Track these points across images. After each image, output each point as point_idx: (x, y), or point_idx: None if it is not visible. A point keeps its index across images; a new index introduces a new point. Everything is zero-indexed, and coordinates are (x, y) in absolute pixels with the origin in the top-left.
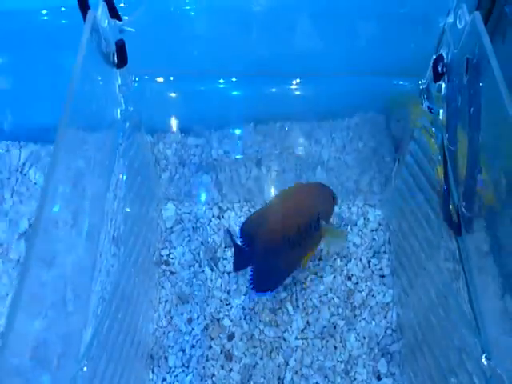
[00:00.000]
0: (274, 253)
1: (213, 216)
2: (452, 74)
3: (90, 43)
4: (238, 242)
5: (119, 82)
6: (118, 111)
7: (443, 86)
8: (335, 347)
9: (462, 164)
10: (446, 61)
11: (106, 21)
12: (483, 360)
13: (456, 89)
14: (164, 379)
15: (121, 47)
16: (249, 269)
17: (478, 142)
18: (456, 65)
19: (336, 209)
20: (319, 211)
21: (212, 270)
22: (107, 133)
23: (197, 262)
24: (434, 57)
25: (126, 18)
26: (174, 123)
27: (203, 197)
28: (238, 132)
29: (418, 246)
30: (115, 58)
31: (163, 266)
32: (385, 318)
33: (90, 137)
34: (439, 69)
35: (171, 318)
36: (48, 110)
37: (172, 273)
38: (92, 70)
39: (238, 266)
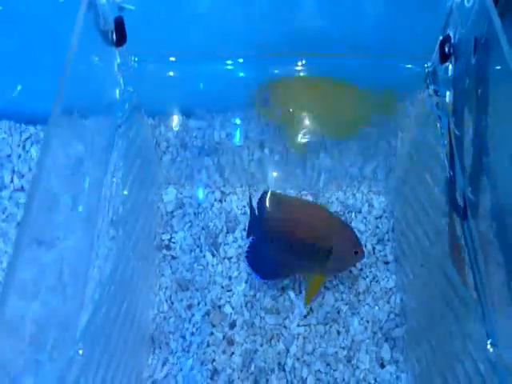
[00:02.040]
0: (279, 243)
1: (214, 200)
2: (459, 55)
3: (87, 20)
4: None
5: (118, 61)
6: (117, 91)
7: (450, 67)
8: (338, 332)
9: (468, 148)
10: (453, 41)
11: None
12: (488, 346)
13: (463, 70)
14: (164, 364)
15: (119, 24)
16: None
17: (485, 125)
18: (464, 45)
19: (341, 195)
20: (330, 249)
21: (213, 255)
22: (106, 113)
23: (198, 246)
24: (441, 37)
25: None
26: (175, 105)
27: (205, 181)
28: (240, 114)
29: (422, 232)
30: (114, 36)
31: (164, 251)
32: (388, 302)
33: (87, 117)
34: (446, 50)
35: (172, 303)
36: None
37: (173, 257)
38: (89, 48)
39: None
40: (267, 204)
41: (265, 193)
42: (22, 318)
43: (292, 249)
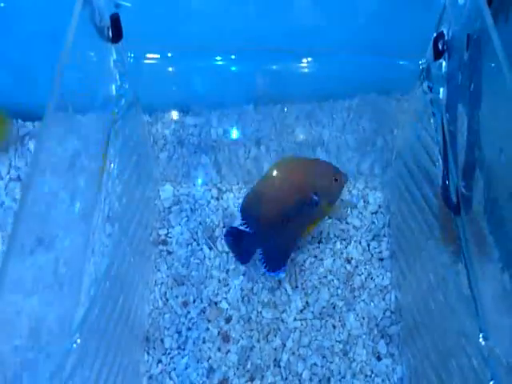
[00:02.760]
0: (277, 230)
1: (211, 197)
2: (453, 52)
3: (83, 16)
4: (239, 226)
5: (114, 57)
6: (113, 87)
7: (444, 64)
8: (334, 326)
9: (461, 143)
10: (446, 38)
11: None
12: (481, 340)
13: (456, 66)
14: (159, 361)
15: (115, 21)
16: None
17: (477, 120)
18: (457, 42)
19: None
20: (316, 189)
21: (210, 248)
22: (102, 110)
23: (194, 240)
24: (435, 34)
25: None
26: (172, 102)
27: (201, 178)
28: (237, 111)
29: (417, 228)
30: (110, 33)
31: (160, 246)
32: (383, 300)
33: (83, 114)
34: (440, 46)
35: (167, 299)
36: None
37: (169, 252)
38: (85, 45)
39: (246, 257)
40: (248, 215)
41: (242, 210)
42: (18, 314)
43: (289, 215)
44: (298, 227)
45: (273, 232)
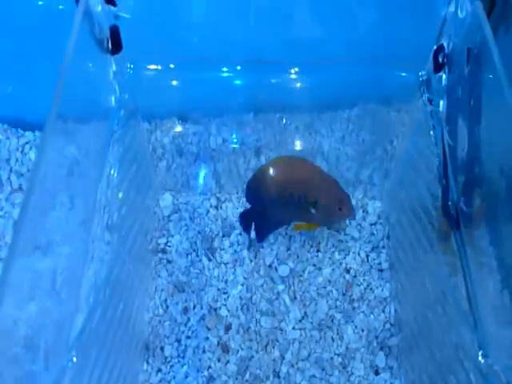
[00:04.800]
0: (272, 206)
1: (210, 206)
2: (453, 65)
3: (83, 28)
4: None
5: (114, 68)
6: (113, 98)
7: (444, 76)
8: (333, 339)
9: (461, 157)
10: (446, 51)
11: (100, 6)
12: (480, 357)
13: (457, 80)
14: (159, 369)
15: (114, 33)
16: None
17: (478, 135)
18: (457, 55)
19: None
20: (316, 200)
21: (209, 260)
22: (101, 120)
23: (194, 250)
24: (435, 47)
25: None
26: (171, 112)
27: (201, 187)
28: (236, 121)
29: (416, 241)
30: (109, 44)
31: (160, 255)
32: (383, 312)
33: (83, 124)
34: (440, 59)
35: (167, 307)
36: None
37: (169, 261)
38: (84, 56)
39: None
40: (251, 192)
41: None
42: (15, 323)
43: (284, 204)
44: (292, 213)
45: (268, 207)
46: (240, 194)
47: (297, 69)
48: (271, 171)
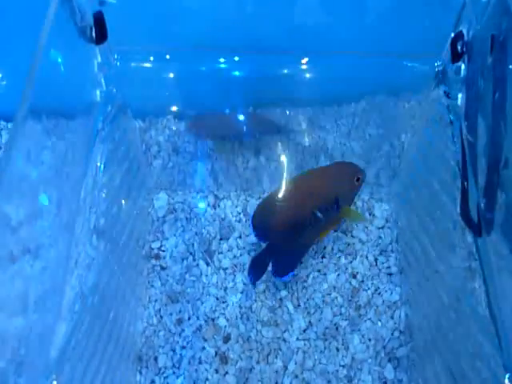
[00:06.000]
0: (290, 240)
1: (208, 205)
2: (473, 54)
3: (60, 14)
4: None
5: (99, 59)
6: (98, 93)
7: (462, 67)
8: (337, 349)
9: (482, 157)
10: (466, 39)
11: None
12: (506, 381)
13: (478, 71)
14: (152, 381)
15: (99, 20)
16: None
17: (503, 132)
18: (479, 43)
19: None
20: (337, 194)
21: (207, 264)
22: (85, 116)
23: (191, 254)
24: (453, 34)
25: None
26: (165, 107)
27: (198, 186)
28: (235, 116)
29: (429, 243)
30: (93, 33)
31: (153, 261)
32: (392, 318)
33: (65, 120)
34: (458, 48)
35: (161, 317)
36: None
37: (163, 268)
38: (63, 45)
39: (259, 274)
40: (259, 226)
41: (253, 221)
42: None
43: (305, 225)
44: (313, 234)
45: (285, 242)
46: (239, 191)
47: (300, 60)
48: (273, 206)
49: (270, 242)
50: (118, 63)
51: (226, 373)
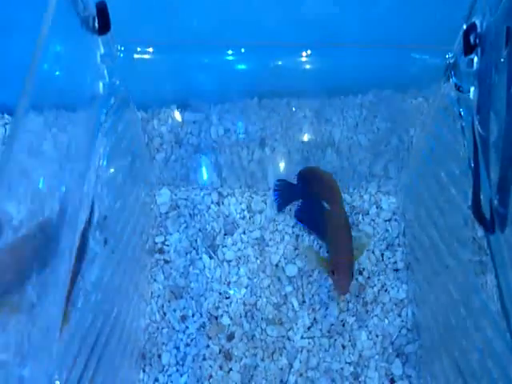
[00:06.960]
0: (317, 205)
1: (212, 202)
2: (487, 46)
3: (62, 4)
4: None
5: (102, 51)
6: (101, 84)
7: (475, 59)
8: (343, 346)
9: (495, 151)
10: (479, 31)
11: None
12: None
13: (492, 64)
14: (156, 379)
15: (102, 10)
16: None
17: None
18: (493, 35)
19: (347, 197)
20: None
21: (211, 257)
22: (88, 108)
23: (194, 248)
24: (465, 26)
25: None
26: (168, 97)
27: (201, 182)
28: (239, 108)
29: (438, 237)
30: (96, 23)
31: (157, 255)
32: (399, 316)
33: (67, 112)
34: (471, 40)
35: (164, 313)
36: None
37: (166, 261)
38: (65, 36)
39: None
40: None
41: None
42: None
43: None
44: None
45: (313, 203)
46: (244, 188)
47: (306, 51)
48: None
49: (305, 189)
50: (122, 55)
51: (231, 369)
